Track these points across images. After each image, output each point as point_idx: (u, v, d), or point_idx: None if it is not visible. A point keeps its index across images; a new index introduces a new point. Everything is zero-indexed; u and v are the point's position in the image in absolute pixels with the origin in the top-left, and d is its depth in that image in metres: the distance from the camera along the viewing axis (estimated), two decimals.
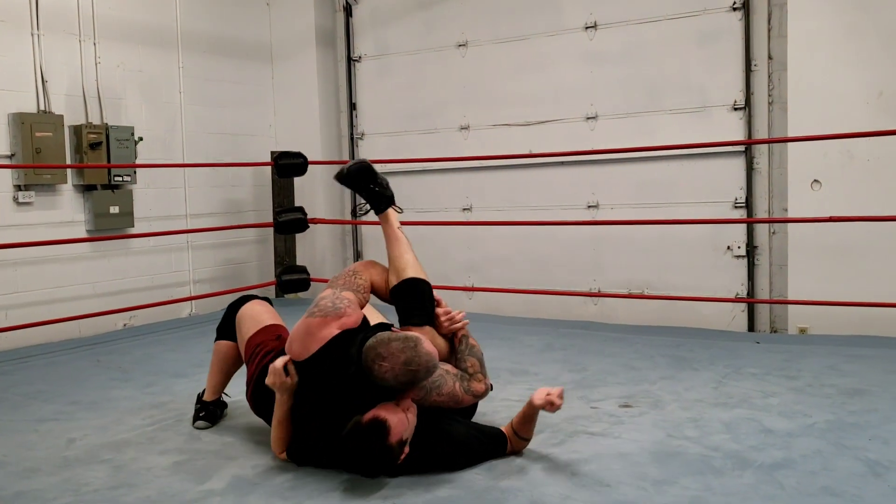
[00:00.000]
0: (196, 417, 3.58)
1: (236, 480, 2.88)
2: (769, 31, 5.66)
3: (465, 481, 2.78)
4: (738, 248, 5.83)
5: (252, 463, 3.05)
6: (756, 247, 5.80)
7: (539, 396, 2.93)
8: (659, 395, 3.85)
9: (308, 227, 6.91)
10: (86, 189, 5.94)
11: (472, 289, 6.77)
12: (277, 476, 2.90)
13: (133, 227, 6.19)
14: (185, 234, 6.59)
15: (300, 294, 7.18)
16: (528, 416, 3.00)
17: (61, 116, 5.74)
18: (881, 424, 3.27)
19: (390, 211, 3.46)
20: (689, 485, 2.70)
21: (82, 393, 4.17)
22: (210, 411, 3.57)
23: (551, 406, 2.90)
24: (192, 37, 6.75)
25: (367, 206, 3.57)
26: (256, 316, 3.40)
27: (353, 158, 7.37)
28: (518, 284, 6.53)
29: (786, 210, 5.55)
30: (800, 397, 3.71)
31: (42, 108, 5.67)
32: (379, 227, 3.56)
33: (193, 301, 6.66)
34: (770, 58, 5.67)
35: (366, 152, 7.44)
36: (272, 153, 7.02)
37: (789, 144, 5.44)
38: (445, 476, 2.81)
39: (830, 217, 4.98)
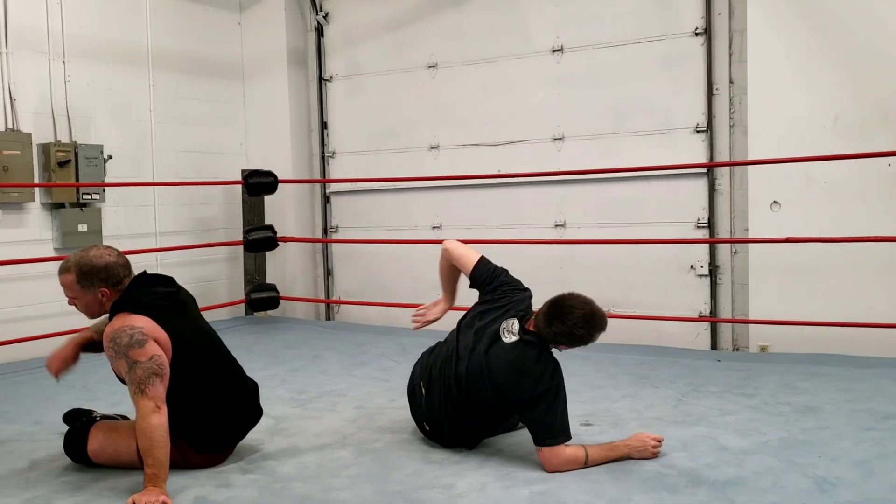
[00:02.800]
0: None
1: (200, 501, 2.90)
2: (730, 55, 5.81)
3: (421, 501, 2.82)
4: (702, 267, 5.95)
5: (215, 483, 3.07)
6: (718, 266, 5.92)
7: (648, 451, 3.15)
8: (619, 413, 3.93)
9: (278, 245, 6.96)
10: (54, 207, 5.94)
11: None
12: (245, 490, 2.93)
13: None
14: (154, 253, 6.58)
15: (270, 312, 7.20)
16: (614, 458, 3.16)
17: (29, 134, 5.74)
18: (831, 441, 3.37)
19: None
20: (642, 502, 2.77)
21: (47, 412, 4.15)
22: None
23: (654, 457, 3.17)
24: (163, 55, 6.78)
25: None
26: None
27: (324, 176, 7.46)
28: None
29: (746, 230, 5.67)
30: (756, 415, 3.80)
31: (10, 126, 5.67)
32: (347, 244, 3.62)
33: None
34: (731, 82, 5.82)
35: (336, 171, 7.50)
36: (243, 171, 7.05)
37: (749, 167, 5.58)
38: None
39: (788, 238, 5.11)
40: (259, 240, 6.87)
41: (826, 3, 5.32)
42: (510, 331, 3.25)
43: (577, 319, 3.07)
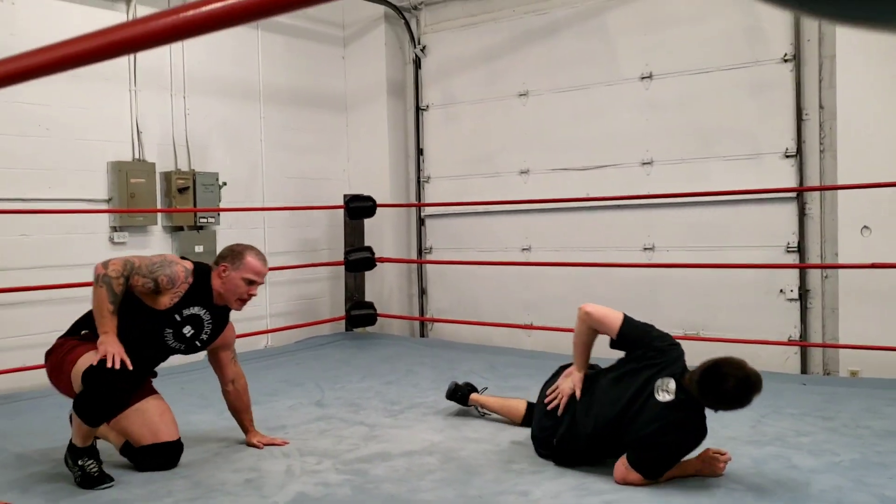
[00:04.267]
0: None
1: (300, 497, 3.23)
2: (820, 81, 5.84)
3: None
4: (791, 291, 5.96)
5: (314, 481, 3.40)
6: (808, 290, 5.92)
7: (717, 467, 3.27)
8: None
9: (376, 265, 7.35)
10: (174, 230, 6.50)
11: (531, 327, 7.04)
12: None
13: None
14: None
15: (368, 328, 7.59)
16: (682, 475, 3.29)
17: (153, 164, 6.32)
18: None
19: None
20: None
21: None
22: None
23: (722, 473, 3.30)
24: (273, 89, 7.31)
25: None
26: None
27: (419, 200, 7.83)
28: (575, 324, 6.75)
29: (836, 255, 5.66)
30: (832, 437, 3.86)
31: (137, 156, 6.26)
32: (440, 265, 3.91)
33: (269, 334, 7.13)
34: (821, 107, 5.84)
35: (431, 195, 7.85)
36: (345, 196, 7.48)
37: (840, 192, 5.58)
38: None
39: (874, 263, 5.10)
40: (359, 260, 7.28)
41: None
42: (665, 389, 3.25)
43: (730, 389, 3.08)
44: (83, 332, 3.56)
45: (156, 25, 1.02)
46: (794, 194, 5.93)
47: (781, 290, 6.01)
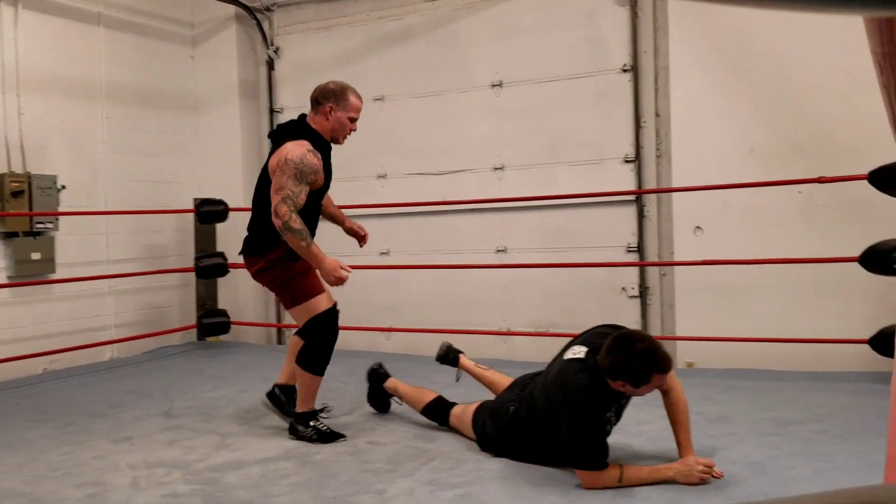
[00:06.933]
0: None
1: None
2: (656, 91, 6.21)
3: None
4: (632, 289, 6.30)
5: (160, 493, 3.28)
6: (648, 288, 6.28)
7: (695, 476, 3.17)
8: None
9: (229, 271, 7.16)
10: (7, 236, 6.08)
11: (390, 329, 7.08)
12: None
13: (55, 272, 6.34)
14: (106, 280, 6.74)
15: (221, 337, 7.38)
16: (654, 481, 3.20)
17: None
18: (733, 446, 3.69)
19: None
20: (554, 502, 3.05)
21: (1, 434, 4.31)
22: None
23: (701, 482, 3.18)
24: (117, 88, 6.99)
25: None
26: None
27: None
28: (434, 325, 6.84)
29: (672, 254, 6.04)
30: (669, 424, 4.10)
31: None
32: None
33: (115, 345, 6.80)
34: (657, 115, 6.22)
35: None
36: (195, 200, 7.26)
37: (674, 194, 5.96)
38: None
39: (706, 261, 5.49)
40: (210, 266, 7.07)
41: (741, 43, 5.74)
42: (575, 352, 3.29)
43: (636, 352, 3.05)
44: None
45: None
46: (633, 197, 6.27)
47: (623, 288, 6.34)
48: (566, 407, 3.15)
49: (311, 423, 4.02)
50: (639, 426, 4.09)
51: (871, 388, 4.79)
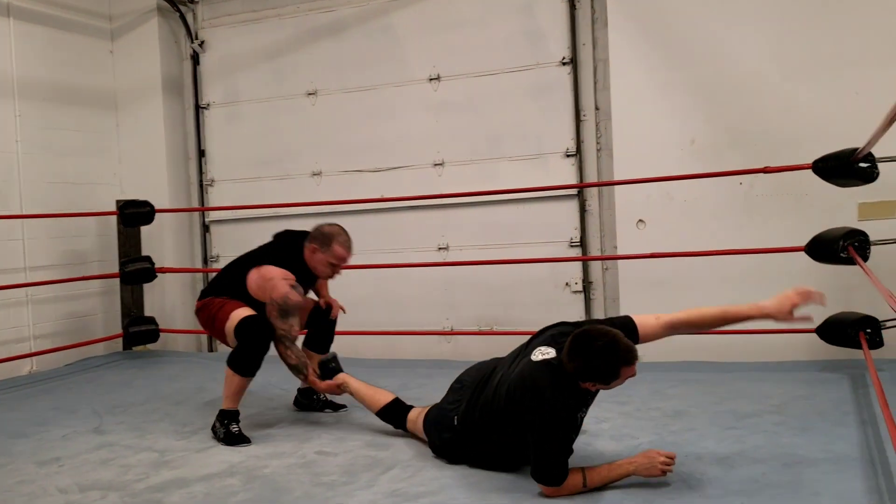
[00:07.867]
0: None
1: None
2: (595, 84, 6.17)
3: None
4: (576, 284, 6.24)
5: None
6: (591, 282, 6.23)
7: (656, 469, 3.05)
8: None
9: (156, 276, 6.81)
10: None
11: None
12: None
13: None
14: (23, 288, 6.31)
15: (149, 346, 7.02)
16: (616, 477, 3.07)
17: None
18: (697, 441, 3.63)
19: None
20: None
21: None
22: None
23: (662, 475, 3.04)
24: (31, 84, 6.56)
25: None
26: None
27: (203, 205, 7.37)
28: (376, 326, 6.63)
29: (615, 248, 6.00)
30: (628, 421, 4.04)
31: None
32: None
33: (34, 357, 6.37)
34: (597, 108, 6.17)
35: (216, 199, 7.42)
36: (118, 202, 6.87)
37: (616, 187, 5.92)
38: None
39: (652, 254, 5.46)
40: (136, 271, 6.71)
41: (681, 35, 5.73)
42: (542, 352, 3.12)
43: (596, 351, 2.92)
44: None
45: None
46: (575, 191, 6.21)
47: (567, 284, 6.28)
48: (537, 414, 2.99)
49: (226, 422, 4.05)
50: (598, 424, 3.99)
51: (821, 376, 4.83)
